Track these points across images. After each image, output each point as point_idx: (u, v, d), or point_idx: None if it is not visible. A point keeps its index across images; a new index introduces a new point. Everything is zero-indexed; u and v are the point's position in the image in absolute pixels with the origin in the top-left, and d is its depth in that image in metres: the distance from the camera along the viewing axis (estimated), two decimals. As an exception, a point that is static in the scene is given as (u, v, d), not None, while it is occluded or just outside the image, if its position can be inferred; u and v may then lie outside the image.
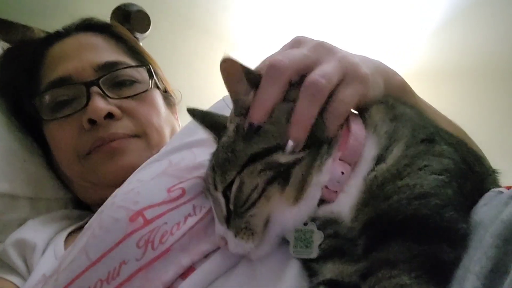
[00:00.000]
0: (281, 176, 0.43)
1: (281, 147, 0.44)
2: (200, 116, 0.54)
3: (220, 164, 0.46)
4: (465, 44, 2.06)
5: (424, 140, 0.45)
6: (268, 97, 0.45)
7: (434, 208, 0.40)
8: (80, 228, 0.75)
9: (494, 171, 0.52)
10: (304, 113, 0.44)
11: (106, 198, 0.59)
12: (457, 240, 0.39)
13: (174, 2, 1.84)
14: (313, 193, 0.45)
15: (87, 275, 0.49)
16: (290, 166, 0.43)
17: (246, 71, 0.45)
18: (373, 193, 0.43)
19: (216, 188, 0.46)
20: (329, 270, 0.44)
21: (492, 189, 0.45)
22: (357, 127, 0.46)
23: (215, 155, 0.48)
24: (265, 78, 0.45)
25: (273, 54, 0.49)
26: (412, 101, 0.58)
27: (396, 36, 2.09)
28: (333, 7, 2.08)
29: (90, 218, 0.77)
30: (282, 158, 0.43)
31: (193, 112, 0.54)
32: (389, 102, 0.50)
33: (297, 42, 0.51)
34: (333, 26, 2.04)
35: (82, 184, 0.78)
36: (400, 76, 0.57)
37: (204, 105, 0.59)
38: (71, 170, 0.77)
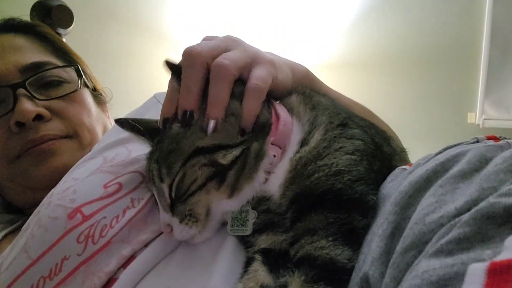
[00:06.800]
0: (219, 176, 0.47)
1: (226, 147, 0.47)
2: (129, 126, 0.56)
3: (164, 157, 0.48)
4: (379, 36, 2.24)
5: (339, 125, 0.52)
6: (188, 81, 0.49)
7: (347, 183, 0.46)
8: (13, 231, 0.74)
9: (402, 150, 0.60)
10: (215, 94, 0.49)
11: (39, 200, 0.59)
12: (367, 210, 0.46)
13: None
14: (249, 191, 0.50)
15: (28, 274, 0.50)
16: (227, 167, 0.47)
17: (169, 64, 0.51)
18: (298, 172, 0.48)
19: (162, 181, 0.49)
20: (263, 241, 0.49)
21: (398, 167, 0.52)
22: (284, 114, 0.52)
23: (158, 149, 0.50)
24: (183, 65, 0.50)
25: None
26: (318, 86, 0.64)
27: (315, 29, 2.22)
28: (254, 2, 2.15)
29: (23, 221, 0.77)
30: (223, 158, 0.47)
31: (121, 122, 0.56)
32: (306, 92, 0.56)
33: (207, 38, 0.56)
34: (253, 21, 2.12)
35: (12, 188, 0.77)
36: (302, 65, 0.64)
37: (131, 98, 0.60)
38: (0, 174, 0.75)
